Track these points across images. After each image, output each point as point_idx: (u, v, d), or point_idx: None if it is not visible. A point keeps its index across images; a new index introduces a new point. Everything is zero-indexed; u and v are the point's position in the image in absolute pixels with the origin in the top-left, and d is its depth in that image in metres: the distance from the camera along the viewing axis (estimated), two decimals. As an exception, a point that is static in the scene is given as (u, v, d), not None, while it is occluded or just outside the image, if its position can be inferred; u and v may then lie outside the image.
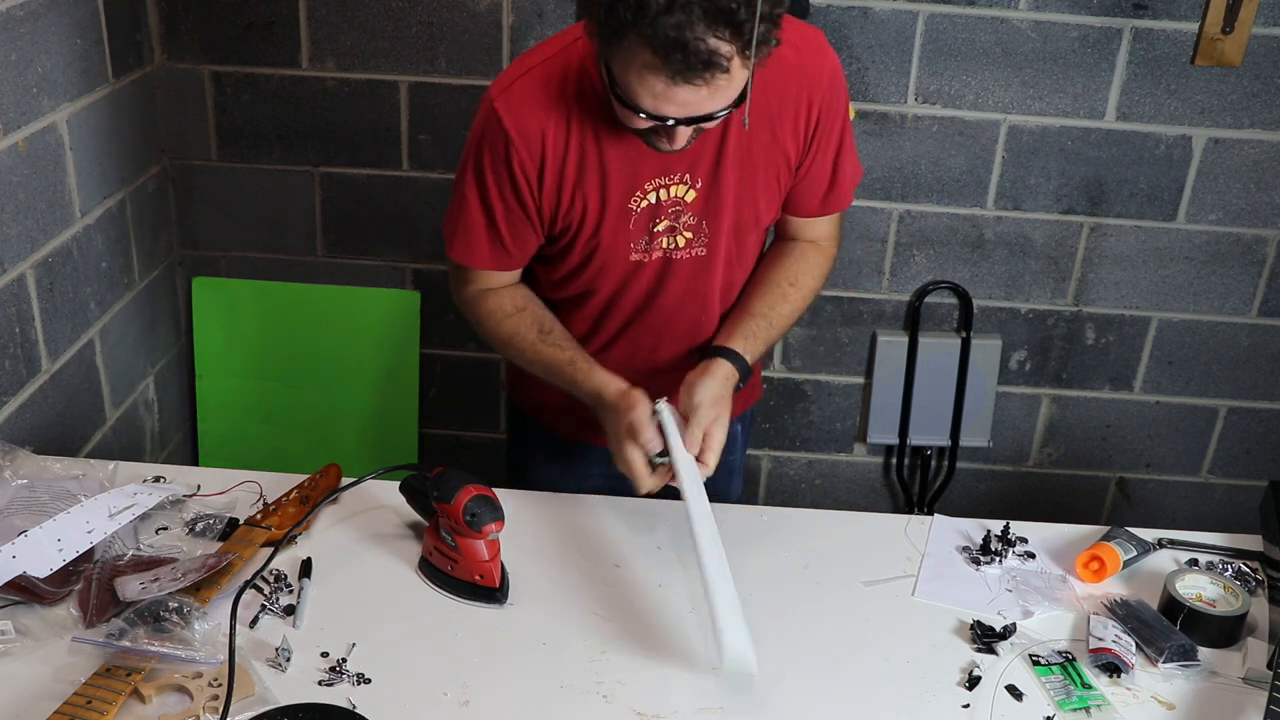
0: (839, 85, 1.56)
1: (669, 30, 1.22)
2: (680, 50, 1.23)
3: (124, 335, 2.45)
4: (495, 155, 1.50)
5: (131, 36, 2.40)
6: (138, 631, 1.30)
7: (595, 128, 1.47)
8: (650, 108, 1.32)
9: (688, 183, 1.52)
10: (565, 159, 1.49)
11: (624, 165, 1.49)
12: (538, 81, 1.47)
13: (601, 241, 1.56)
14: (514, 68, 1.51)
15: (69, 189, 2.17)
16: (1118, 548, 1.57)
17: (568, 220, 1.54)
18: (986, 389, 2.79)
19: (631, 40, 1.26)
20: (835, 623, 1.48)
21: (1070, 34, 2.47)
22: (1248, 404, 2.81)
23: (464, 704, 1.31)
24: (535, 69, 1.48)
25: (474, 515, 1.44)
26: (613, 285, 1.62)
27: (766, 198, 1.58)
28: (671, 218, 1.55)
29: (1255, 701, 1.35)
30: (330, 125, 2.59)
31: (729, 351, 1.58)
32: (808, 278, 1.69)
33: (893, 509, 2.97)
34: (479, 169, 1.53)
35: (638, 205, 1.53)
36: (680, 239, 1.57)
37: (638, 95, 1.31)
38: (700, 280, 1.62)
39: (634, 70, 1.29)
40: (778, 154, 1.54)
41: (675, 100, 1.30)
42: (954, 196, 2.63)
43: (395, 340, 2.78)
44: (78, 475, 1.64)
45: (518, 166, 1.49)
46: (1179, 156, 2.57)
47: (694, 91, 1.28)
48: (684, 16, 1.21)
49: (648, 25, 1.22)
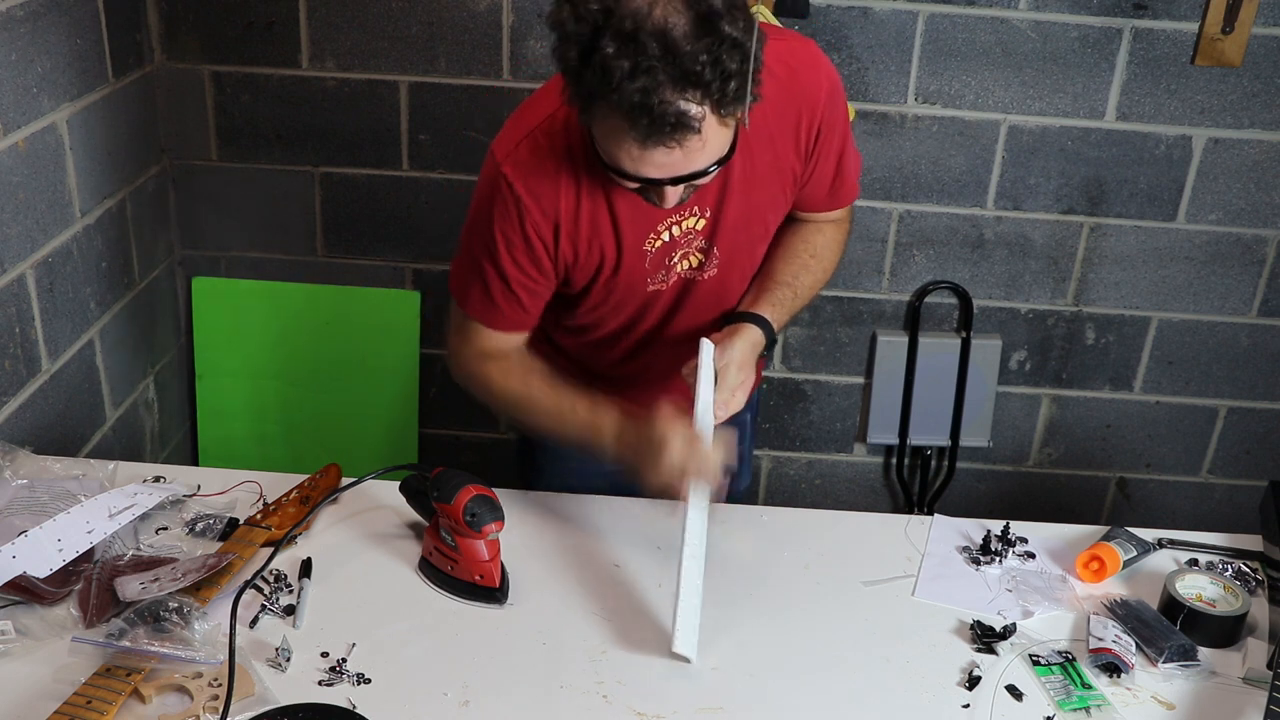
0: (837, 97, 1.55)
1: (634, 95, 1.20)
2: (646, 114, 1.21)
3: (124, 335, 2.45)
4: (508, 220, 1.47)
5: (131, 36, 2.40)
6: (138, 631, 1.30)
7: (602, 180, 1.45)
8: (630, 169, 1.31)
9: (697, 214, 1.52)
10: (578, 215, 1.47)
11: (634, 212, 1.48)
12: (543, 142, 1.45)
13: (619, 282, 1.55)
14: (515, 127, 1.48)
15: (69, 189, 2.17)
16: (1118, 548, 1.57)
17: (585, 271, 1.53)
18: (986, 389, 2.79)
19: (601, 106, 1.25)
20: (835, 623, 1.48)
21: (1070, 34, 2.47)
22: (1248, 404, 2.81)
23: (464, 704, 1.31)
24: (537, 129, 1.45)
25: (474, 515, 1.44)
26: (630, 313, 1.62)
27: (774, 210, 1.59)
28: (686, 246, 1.54)
29: (1255, 702, 1.35)
30: (330, 125, 2.59)
31: (758, 318, 1.58)
32: (828, 250, 1.69)
33: (893, 509, 2.96)
34: (490, 234, 1.49)
35: (653, 245, 1.52)
36: (694, 259, 1.57)
37: (617, 159, 1.31)
38: (717, 296, 1.62)
39: (609, 134, 1.29)
40: (782, 171, 1.54)
41: (652, 162, 1.29)
42: (954, 196, 2.63)
43: (395, 340, 2.78)
44: (78, 475, 1.64)
45: (532, 229, 1.47)
46: (1179, 156, 2.57)
47: (668, 154, 1.27)
48: (648, 80, 1.20)
49: (613, 91, 1.21)
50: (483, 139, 2.58)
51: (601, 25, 1.20)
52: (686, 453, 1.41)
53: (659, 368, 1.66)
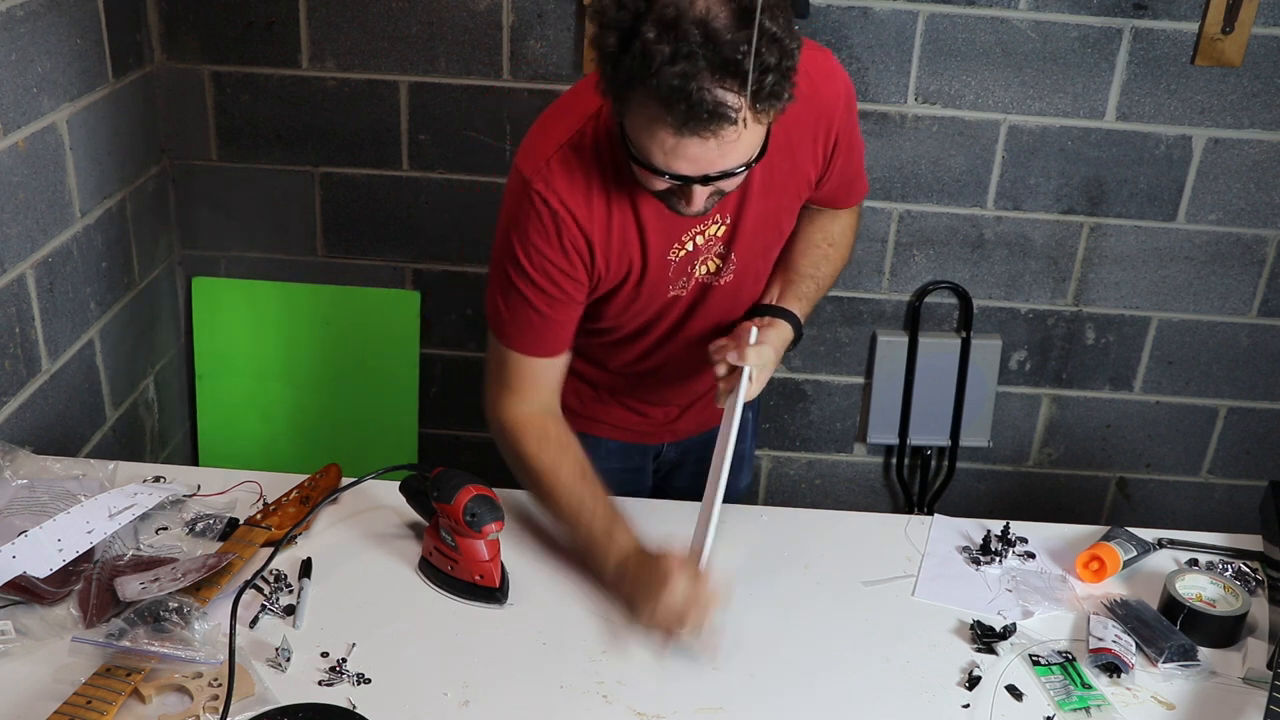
0: (852, 106, 1.56)
1: (673, 80, 1.20)
2: (685, 100, 1.21)
3: (124, 335, 2.45)
4: (544, 234, 1.44)
5: (131, 36, 2.40)
6: (138, 631, 1.30)
7: (629, 192, 1.45)
8: (662, 164, 1.30)
9: (719, 220, 1.51)
10: (610, 228, 1.47)
11: (659, 223, 1.48)
12: (572, 156, 1.43)
13: (643, 292, 1.55)
14: (542, 141, 1.46)
15: (69, 189, 2.17)
16: (1118, 548, 1.57)
17: (612, 282, 1.53)
18: (986, 389, 2.79)
19: (638, 93, 1.25)
20: (835, 623, 1.48)
21: (1070, 34, 2.47)
22: (1248, 404, 2.81)
23: (464, 704, 1.31)
24: (566, 144, 1.44)
25: (474, 515, 1.44)
26: (648, 317, 1.61)
27: (788, 216, 1.60)
28: (706, 253, 1.54)
29: (1255, 701, 1.35)
30: (330, 125, 2.59)
31: (789, 314, 1.58)
32: (843, 237, 1.70)
33: (893, 509, 2.96)
34: (525, 249, 1.46)
35: (677, 255, 1.52)
36: (712, 265, 1.56)
37: (649, 152, 1.30)
38: (733, 299, 1.62)
39: (643, 125, 1.28)
40: (798, 179, 1.54)
41: (685, 155, 1.28)
42: (954, 196, 2.63)
43: (395, 340, 2.78)
44: (78, 475, 1.64)
45: (570, 243, 1.45)
46: (1179, 156, 2.57)
47: (703, 145, 1.26)
48: (688, 66, 1.20)
49: (652, 76, 1.21)
50: (483, 139, 2.58)
51: (643, 12, 1.21)
52: (688, 597, 1.34)
53: (672, 367, 1.68)
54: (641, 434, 1.82)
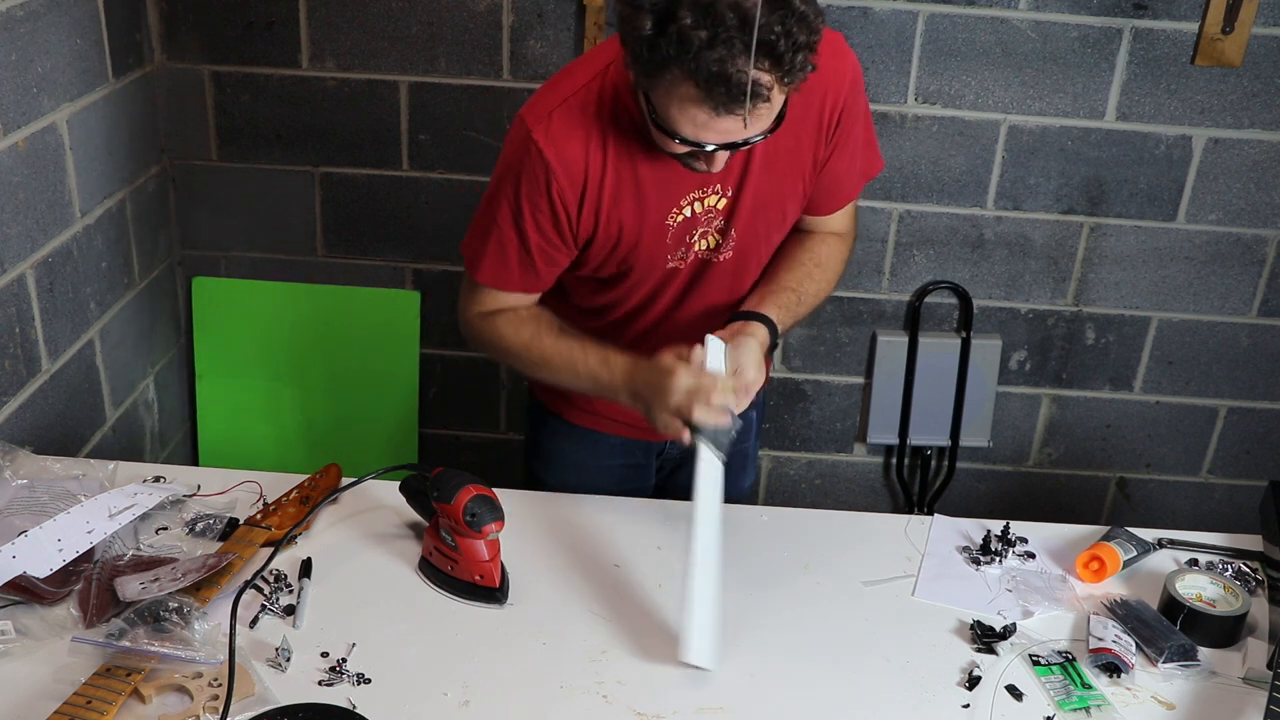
0: (859, 87, 1.57)
1: (712, 65, 1.24)
2: (724, 84, 1.25)
3: (124, 335, 2.45)
4: (534, 184, 1.49)
5: (131, 36, 2.40)
6: (138, 631, 1.30)
7: (630, 151, 1.47)
8: (690, 135, 1.34)
9: (719, 191, 1.53)
10: (603, 185, 1.49)
11: (659, 185, 1.50)
12: (575, 110, 1.47)
13: (639, 257, 1.56)
14: (549, 93, 1.50)
15: (69, 189, 2.17)
16: (1118, 548, 1.57)
17: (603, 241, 1.55)
18: (986, 389, 2.79)
19: (674, 74, 1.28)
20: (835, 623, 1.48)
21: (1070, 34, 2.47)
22: (1248, 404, 2.81)
23: (464, 704, 1.31)
24: (572, 98, 1.47)
25: (474, 515, 1.44)
26: (647, 291, 1.63)
27: (792, 198, 1.60)
28: (706, 225, 1.56)
29: (1255, 702, 1.35)
30: (330, 125, 2.59)
31: (764, 317, 1.58)
32: (832, 261, 1.70)
33: (893, 509, 2.96)
34: (515, 197, 1.51)
35: (674, 220, 1.53)
36: (712, 240, 1.58)
37: (678, 125, 1.33)
38: (734, 280, 1.63)
39: (675, 102, 1.31)
40: (802, 156, 1.55)
41: (716, 129, 1.32)
42: (954, 196, 2.63)
43: (395, 340, 2.78)
44: (78, 475, 1.64)
45: (557, 196, 1.49)
46: (1179, 156, 2.57)
47: (735, 121, 1.30)
48: (726, 51, 1.23)
49: (691, 60, 1.24)
50: (483, 139, 2.58)
51: None
52: (694, 377, 1.43)
53: None
54: (645, 430, 1.82)
